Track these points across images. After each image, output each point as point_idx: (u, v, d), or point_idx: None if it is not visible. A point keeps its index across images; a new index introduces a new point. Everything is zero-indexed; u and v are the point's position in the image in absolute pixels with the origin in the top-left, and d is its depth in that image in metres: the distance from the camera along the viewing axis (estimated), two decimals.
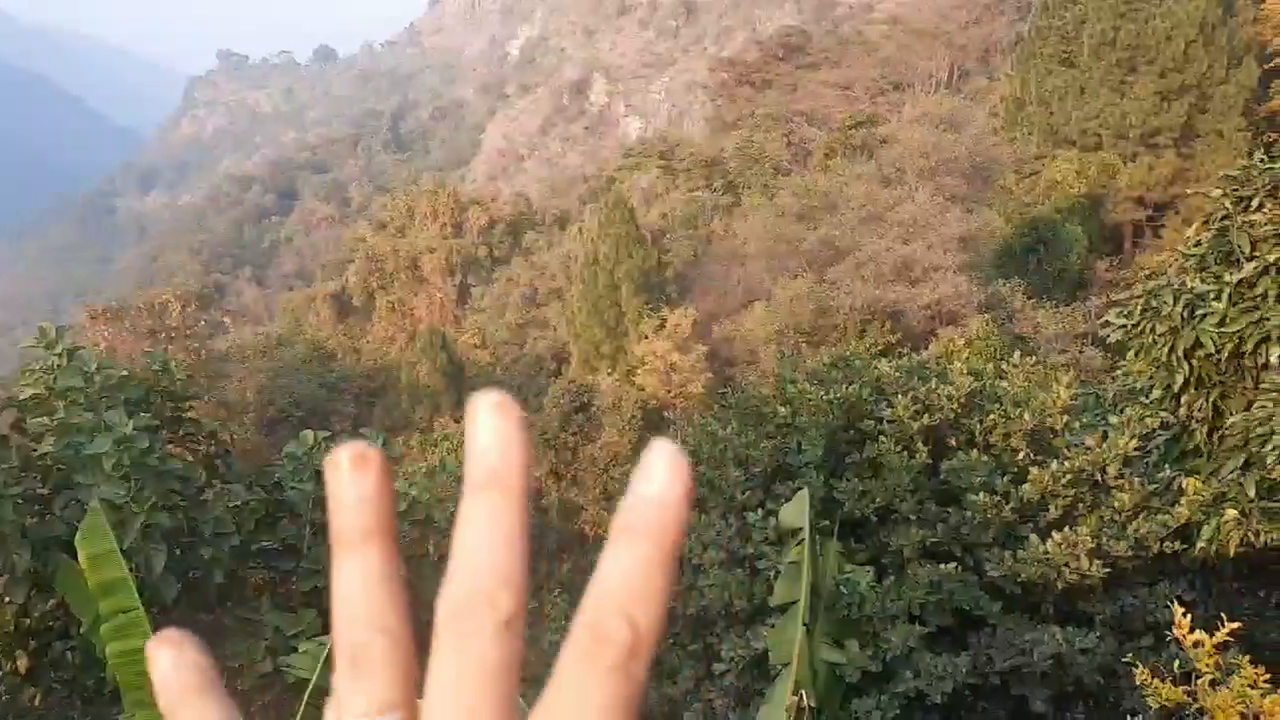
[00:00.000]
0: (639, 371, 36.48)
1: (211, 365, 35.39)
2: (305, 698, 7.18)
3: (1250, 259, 8.89)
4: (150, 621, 6.64)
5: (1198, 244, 9.56)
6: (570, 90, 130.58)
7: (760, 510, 9.40)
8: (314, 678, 7.09)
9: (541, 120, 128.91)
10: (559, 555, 29.21)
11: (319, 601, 8.33)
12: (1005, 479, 8.99)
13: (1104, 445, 9.00)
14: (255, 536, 8.64)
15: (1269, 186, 9.12)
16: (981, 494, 8.74)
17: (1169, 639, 6.21)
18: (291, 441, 9.04)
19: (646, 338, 37.63)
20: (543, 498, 31.33)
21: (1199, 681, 4.17)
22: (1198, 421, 9.54)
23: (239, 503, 8.55)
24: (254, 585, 9.02)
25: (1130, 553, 8.48)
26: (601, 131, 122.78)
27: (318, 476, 8.72)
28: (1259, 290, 8.87)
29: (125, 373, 8.74)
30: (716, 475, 10.04)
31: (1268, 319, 8.85)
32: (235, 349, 43.85)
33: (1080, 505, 8.92)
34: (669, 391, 35.41)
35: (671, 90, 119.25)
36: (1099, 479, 9.03)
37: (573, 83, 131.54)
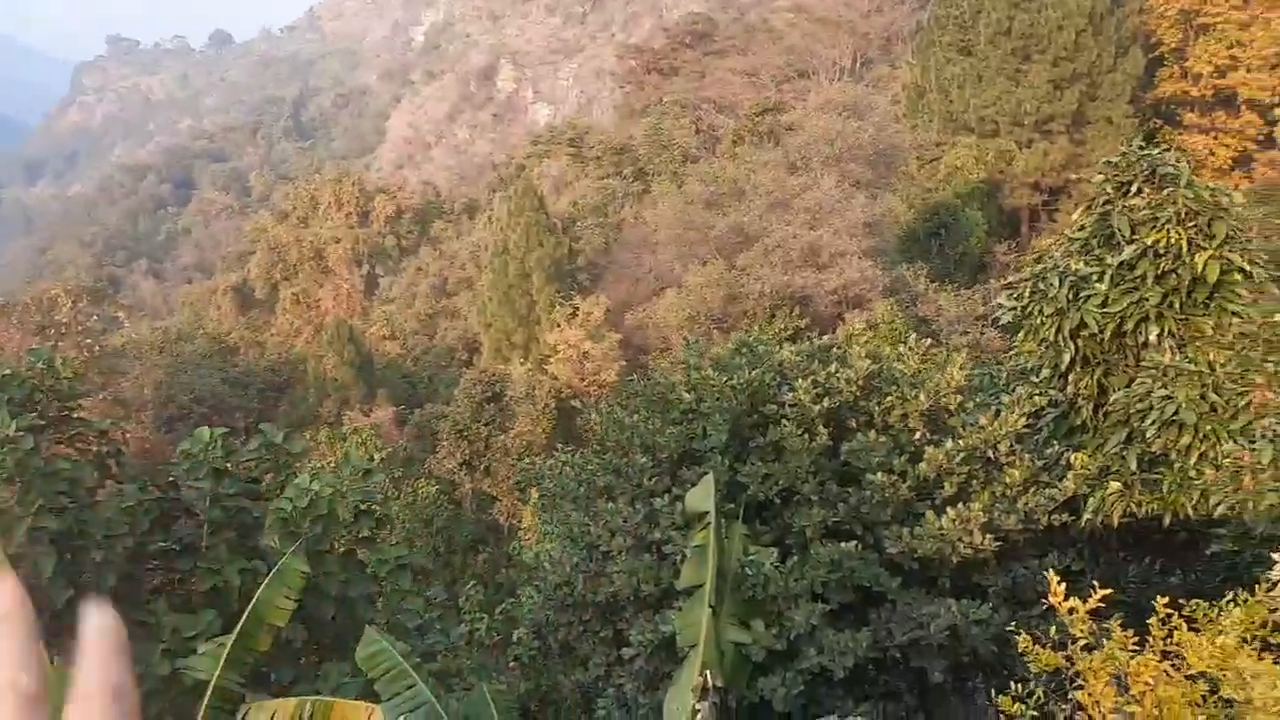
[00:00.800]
0: (552, 360, 36.37)
1: (106, 362, 34.16)
2: (206, 699, 7.04)
3: (1130, 242, 9.26)
4: (40, 629, 6.43)
5: (1081, 228, 9.92)
6: (477, 77, 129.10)
7: (667, 496, 9.49)
8: (214, 679, 6.95)
9: (448, 107, 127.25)
10: (474, 547, 29.02)
11: (219, 602, 8.16)
12: (903, 458, 9.23)
13: (996, 423, 9.31)
14: (150, 537, 8.41)
15: (1147, 172, 9.50)
16: (880, 474, 8.96)
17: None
18: (187, 439, 8.82)
19: (559, 326, 37.53)
20: (456, 490, 31.06)
21: (1074, 646, 4.37)
22: (1084, 399, 9.92)
23: (132, 503, 8.30)
24: (151, 587, 8.78)
25: (1020, 526, 8.79)
26: (510, 119, 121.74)
27: (215, 474, 8.52)
28: (1138, 272, 9.24)
29: (8, 372, 8.41)
30: (624, 462, 10.11)
31: (1147, 299, 9.23)
32: (131, 345, 42.41)
33: (974, 482, 9.21)
34: (582, 380, 35.40)
35: (580, 77, 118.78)
36: (991, 456, 9.34)
37: (480, 69, 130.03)
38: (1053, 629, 4.38)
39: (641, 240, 45.38)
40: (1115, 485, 9.07)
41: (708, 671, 7.19)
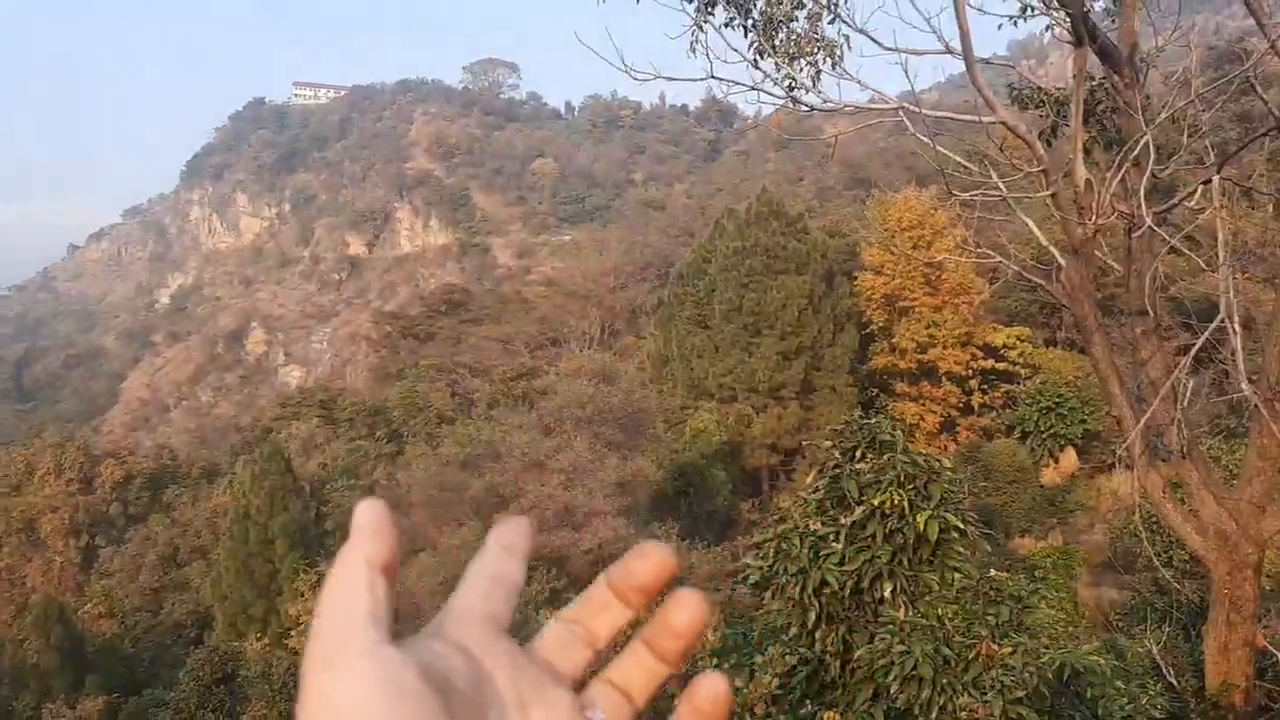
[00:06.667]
0: (293, 633, 33.84)
1: None
2: None
3: (859, 503, 9.95)
4: None
5: (816, 490, 10.58)
6: (225, 339, 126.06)
7: None
8: None
9: (193, 369, 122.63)
10: None
11: None
12: None
13: (751, 685, 9.37)
14: None
15: (868, 439, 10.38)
16: None
17: None
18: None
19: (302, 596, 35.24)
20: None
21: None
22: (831, 655, 10.22)
23: None
24: None
25: None
26: (259, 380, 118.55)
27: None
28: (869, 531, 9.88)
29: None
30: None
31: (879, 557, 9.83)
32: None
33: None
34: None
35: (334, 340, 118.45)
36: None
37: (229, 331, 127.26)
38: None
39: (395, 502, 44.13)
40: None
41: None
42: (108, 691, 37.16)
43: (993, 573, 9.85)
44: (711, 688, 0.64)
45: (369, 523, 0.65)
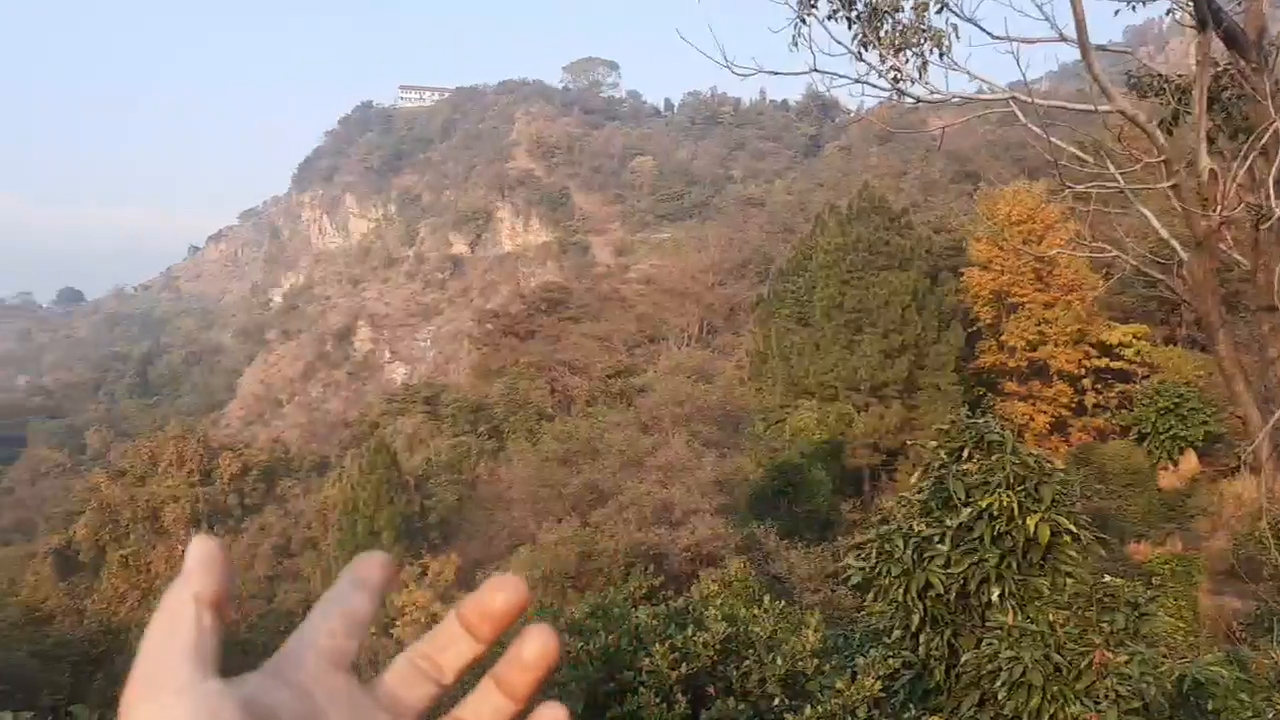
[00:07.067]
0: (397, 624, 34.70)
1: None
2: None
3: (965, 504, 9.69)
4: None
5: (920, 490, 10.36)
6: (334, 337, 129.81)
7: None
8: None
9: (303, 365, 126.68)
10: None
11: None
12: None
13: (853, 688, 9.22)
14: None
15: (976, 439, 10.11)
16: None
17: None
18: None
19: (407, 587, 36.11)
20: None
21: None
22: (936, 660, 9.99)
23: None
24: None
25: None
26: (365, 377, 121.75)
27: None
28: (976, 533, 9.62)
29: None
30: None
31: (986, 560, 9.57)
32: None
33: None
34: None
35: (438, 338, 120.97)
36: None
37: (337, 329, 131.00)
38: None
39: (495, 497, 44.97)
40: None
41: None
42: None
43: (1107, 578, 9.49)
44: (551, 717, 0.64)
45: (201, 559, 0.63)
